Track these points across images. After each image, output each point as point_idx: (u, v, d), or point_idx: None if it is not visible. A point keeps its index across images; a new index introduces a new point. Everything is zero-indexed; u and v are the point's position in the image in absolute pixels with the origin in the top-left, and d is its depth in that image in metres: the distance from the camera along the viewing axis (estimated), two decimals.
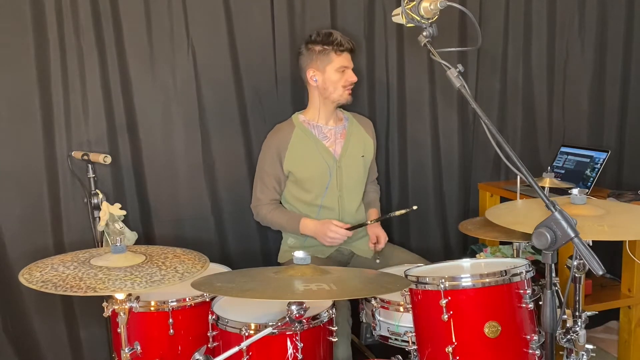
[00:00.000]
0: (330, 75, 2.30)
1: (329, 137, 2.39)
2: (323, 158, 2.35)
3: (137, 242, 2.32)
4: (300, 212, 2.39)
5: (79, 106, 2.36)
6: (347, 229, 2.24)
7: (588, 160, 2.78)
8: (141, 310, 1.80)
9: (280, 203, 2.44)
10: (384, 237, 2.38)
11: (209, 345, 1.77)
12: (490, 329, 1.63)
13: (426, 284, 1.69)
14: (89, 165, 2.22)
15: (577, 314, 1.72)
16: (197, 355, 1.59)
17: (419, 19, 1.52)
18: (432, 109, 2.85)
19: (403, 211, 2.20)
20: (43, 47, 2.28)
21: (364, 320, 2.03)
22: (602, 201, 2.14)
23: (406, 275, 1.76)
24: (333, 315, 1.77)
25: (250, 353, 1.65)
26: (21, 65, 2.27)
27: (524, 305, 1.67)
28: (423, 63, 2.79)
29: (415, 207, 2.18)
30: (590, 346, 1.68)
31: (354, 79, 2.33)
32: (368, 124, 2.54)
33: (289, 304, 1.54)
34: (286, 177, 2.37)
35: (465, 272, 1.92)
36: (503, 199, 2.88)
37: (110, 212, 2.20)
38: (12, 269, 2.32)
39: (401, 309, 1.85)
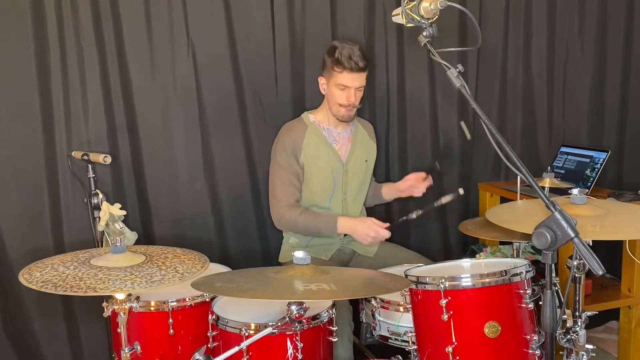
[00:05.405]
0: (332, 89, 2.29)
1: (337, 141, 2.39)
2: (332, 161, 2.35)
3: (137, 242, 2.32)
4: None
5: (79, 106, 2.36)
6: (387, 227, 2.23)
7: (588, 160, 2.78)
8: (141, 310, 1.80)
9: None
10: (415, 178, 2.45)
11: (209, 345, 1.77)
12: (490, 329, 1.63)
13: (426, 284, 1.69)
14: (89, 165, 2.21)
15: (577, 314, 1.72)
16: (197, 355, 1.59)
17: (419, 19, 1.52)
18: (432, 109, 2.85)
19: (449, 198, 2.28)
20: (43, 47, 2.29)
21: (364, 320, 2.02)
22: (602, 201, 2.14)
23: (406, 275, 1.76)
24: (333, 315, 1.77)
25: (250, 353, 1.65)
26: (21, 65, 2.27)
27: (524, 305, 1.67)
28: (423, 63, 2.79)
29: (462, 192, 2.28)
30: (590, 346, 1.69)
31: (352, 99, 2.26)
32: (370, 129, 2.55)
33: (289, 304, 1.54)
34: (303, 171, 2.32)
35: (465, 272, 1.92)
36: (503, 199, 2.88)
37: (110, 212, 2.20)
38: (12, 269, 2.32)
39: (401, 309, 1.85)
